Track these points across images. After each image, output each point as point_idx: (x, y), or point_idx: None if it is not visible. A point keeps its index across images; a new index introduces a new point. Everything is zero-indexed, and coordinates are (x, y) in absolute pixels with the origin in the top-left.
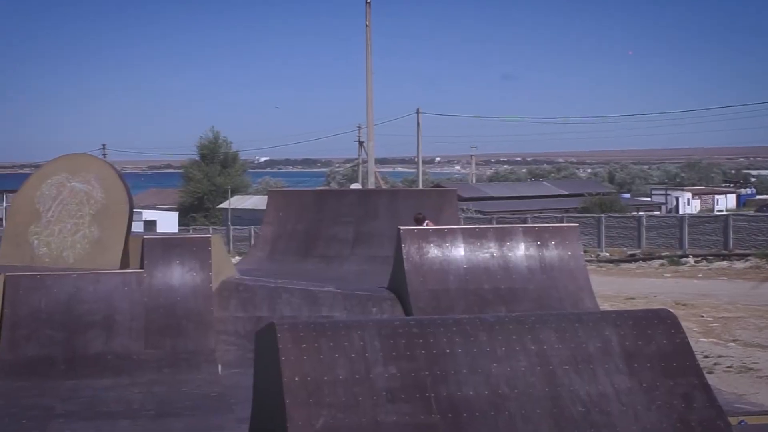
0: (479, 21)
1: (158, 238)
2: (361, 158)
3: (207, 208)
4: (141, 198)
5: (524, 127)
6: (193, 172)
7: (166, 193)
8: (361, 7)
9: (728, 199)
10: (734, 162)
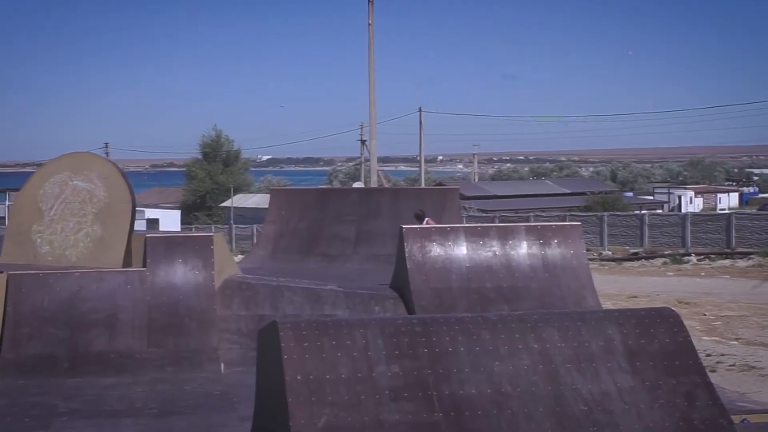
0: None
1: (161, 237)
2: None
3: (209, 206)
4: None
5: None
6: (196, 170)
7: (168, 191)
8: (364, 5)
9: (731, 198)
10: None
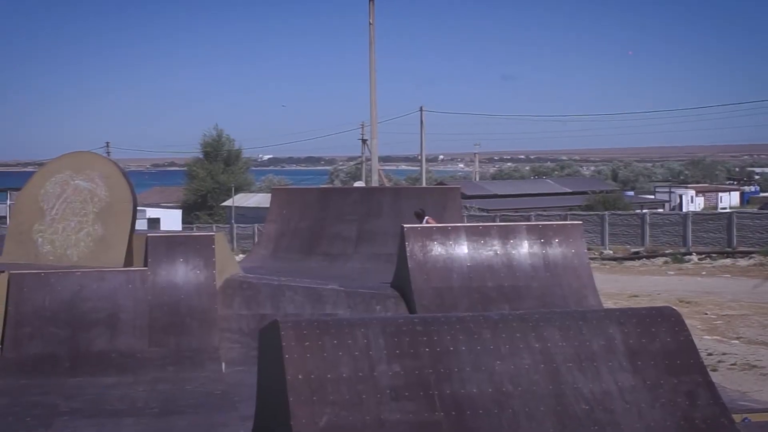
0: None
1: (162, 236)
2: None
3: (210, 206)
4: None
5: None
6: (197, 170)
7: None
8: (365, 5)
9: (732, 197)
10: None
